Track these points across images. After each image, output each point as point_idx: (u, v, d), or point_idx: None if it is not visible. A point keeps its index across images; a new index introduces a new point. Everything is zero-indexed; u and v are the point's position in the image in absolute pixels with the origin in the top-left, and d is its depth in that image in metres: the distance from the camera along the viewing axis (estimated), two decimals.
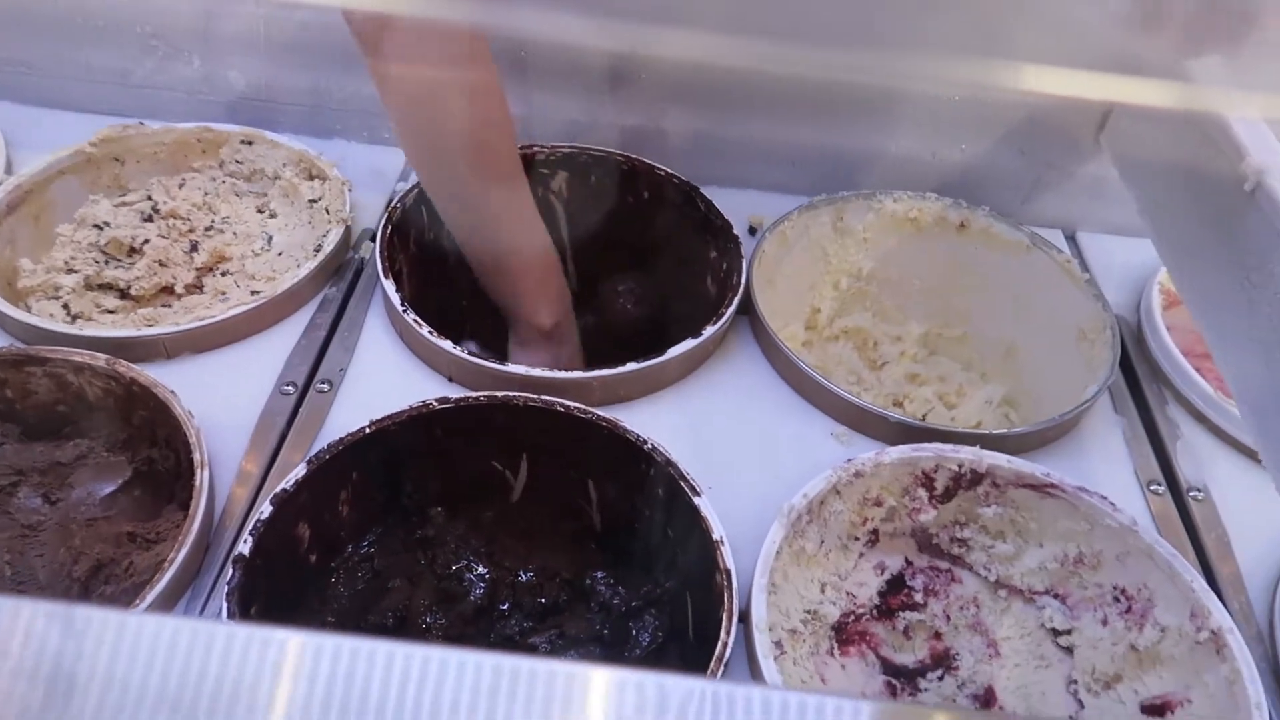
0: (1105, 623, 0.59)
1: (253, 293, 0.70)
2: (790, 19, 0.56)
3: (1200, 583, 0.55)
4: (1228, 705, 0.51)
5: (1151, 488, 0.64)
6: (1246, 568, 0.60)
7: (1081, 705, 0.58)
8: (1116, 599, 0.59)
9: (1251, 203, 0.55)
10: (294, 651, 0.25)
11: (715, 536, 0.55)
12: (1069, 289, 0.75)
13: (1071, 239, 0.86)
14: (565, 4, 0.55)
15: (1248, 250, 0.55)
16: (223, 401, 0.63)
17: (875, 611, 0.63)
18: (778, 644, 0.57)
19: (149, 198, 0.78)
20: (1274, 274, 0.53)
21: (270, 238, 0.77)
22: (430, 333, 0.64)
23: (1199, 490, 0.64)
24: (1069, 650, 0.60)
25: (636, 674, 0.25)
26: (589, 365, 0.64)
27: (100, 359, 0.60)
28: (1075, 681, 0.59)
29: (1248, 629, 0.57)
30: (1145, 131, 0.72)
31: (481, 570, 0.65)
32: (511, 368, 0.63)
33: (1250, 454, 0.67)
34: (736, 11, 0.55)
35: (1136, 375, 0.73)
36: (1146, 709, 0.56)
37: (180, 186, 0.80)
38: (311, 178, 0.79)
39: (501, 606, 0.64)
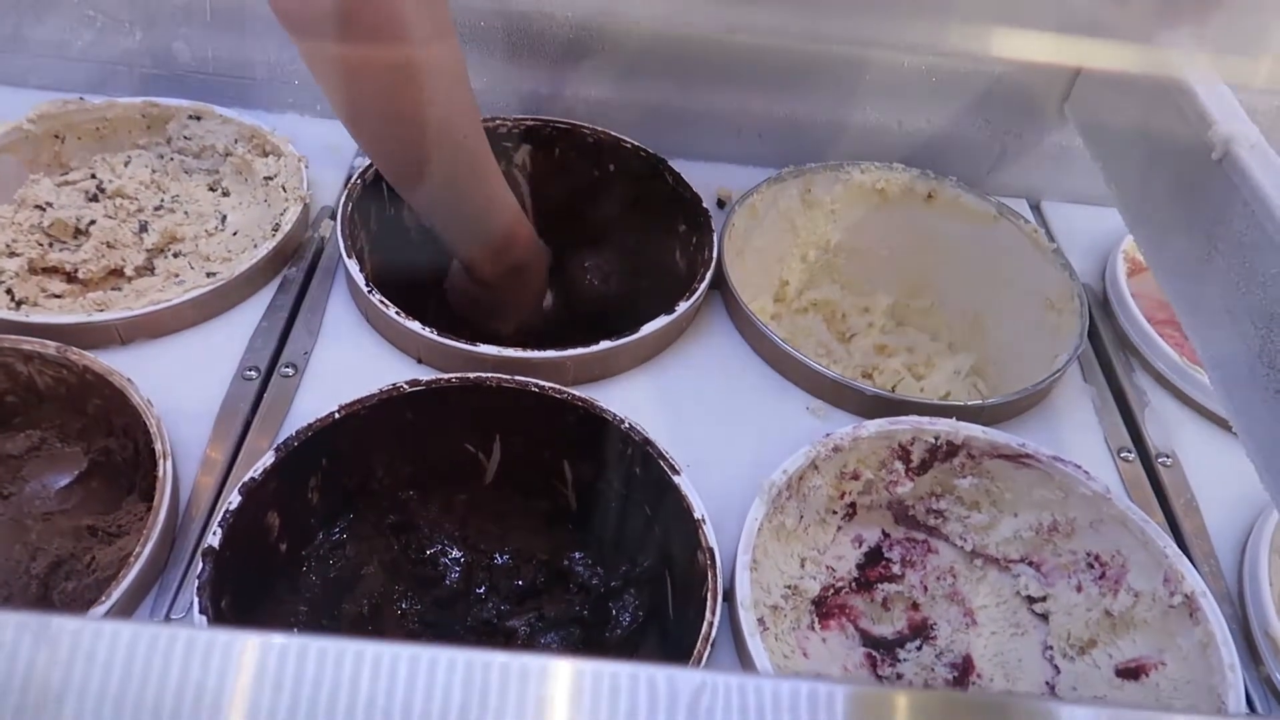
0: (1080, 589, 0.60)
1: (209, 274, 0.68)
2: None
3: (1173, 548, 0.55)
4: (1202, 667, 0.53)
5: (1122, 455, 0.65)
6: (1215, 531, 0.61)
7: (1058, 671, 0.59)
8: (1090, 565, 0.60)
9: (1218, 171, 0.56)
10: (264, 654, 0.24)
11: (697, 515, 0.54)
12: (1036, 258, 0.75)
13: (1036, 208, 0.87)
14: None
15: (1214, 219, 0.55)
16: (182, 388, 0.60)
17: (854, 584, 0.63)
18: (760, 620, 0.57)
19: (93, 176, 0.74)
20: (1241, 243, 0.53)
21: (224, 217, 0.75)
22: (397, 313, 0.63)
23: (1167, 456, 0.65)
24: (1044, 617, 0.61)
25: (611, 666, 0.24)
26: (560, 344, 0.63)
27: (50, 346, 0.58)
28: (1051, 648, 0.60)
29: (1217, 591, 0.58)
30: (1111, 99, 0.73)
31: (456, 554, 0.64)
32: (483, 348, 0.61)
33: (1216, 420, 0.68)
34: None
35: (1104, 343, 0.74)
36: (1121, 672, 0.57)
37: (126, 164, 0.76)
38: (265, 154, 0.76)
39: (478, 590, 0.63)
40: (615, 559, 0.62)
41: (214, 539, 0.50)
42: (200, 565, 0.49)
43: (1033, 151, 0.84)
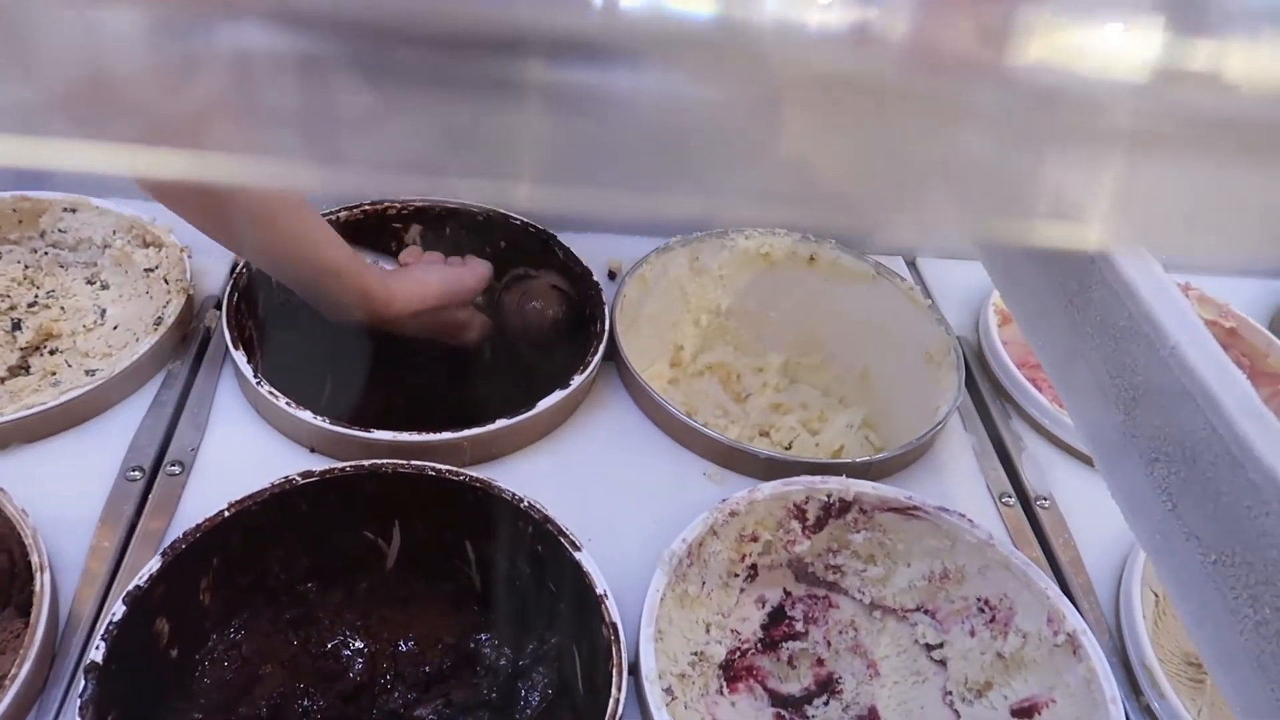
0: (973, 634, 0.62)
1: (88, 372, 0.66)
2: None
3: (1054, 589, 0.58)
4: (1087, 702, 0.55)
5: (1003, 500, 0.68)
6: (1092, 568, 0.64)
7: (958, 715, 0.61)
8: (981, 610, 0.62)
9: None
10: None
11: (599, 591, 0.55)
12: (913, 314, 0.79)
13: (913, 265, 0.91)
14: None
15: (1068, 275, 0.59)
16: (61, 494, 0.58)
17: (759, 645, 0.64)
18: (668, 690, 0.57)
19: None
20: (1093, 299, 0.57)
21: (104, 311, 0.73)
22: (288, 404, 0.62)
23: (1045, 499, 0.69)
24: (943, 663, 0.63)
25: None
26: (459, 425, 0.63)
27: None
28: (950, 693, 0.62)
29: (1097, 625, 0.61)
30: None
31: (359, 644, 0.62)
32: (377, 434, 0.61)
33: (1086, 459, 0.72)
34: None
35: (980, 392, 0.78)
36: (1016, 712, 0.59)
37: None
38: (146, 245, 0.75)
39: (384, 680, 0.61)
40: (522, 638, 0.62)
41: (97, 653, 0.48)
42: (82, 683, 0.47)
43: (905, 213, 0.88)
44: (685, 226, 0.81)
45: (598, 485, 0.66)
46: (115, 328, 0.72)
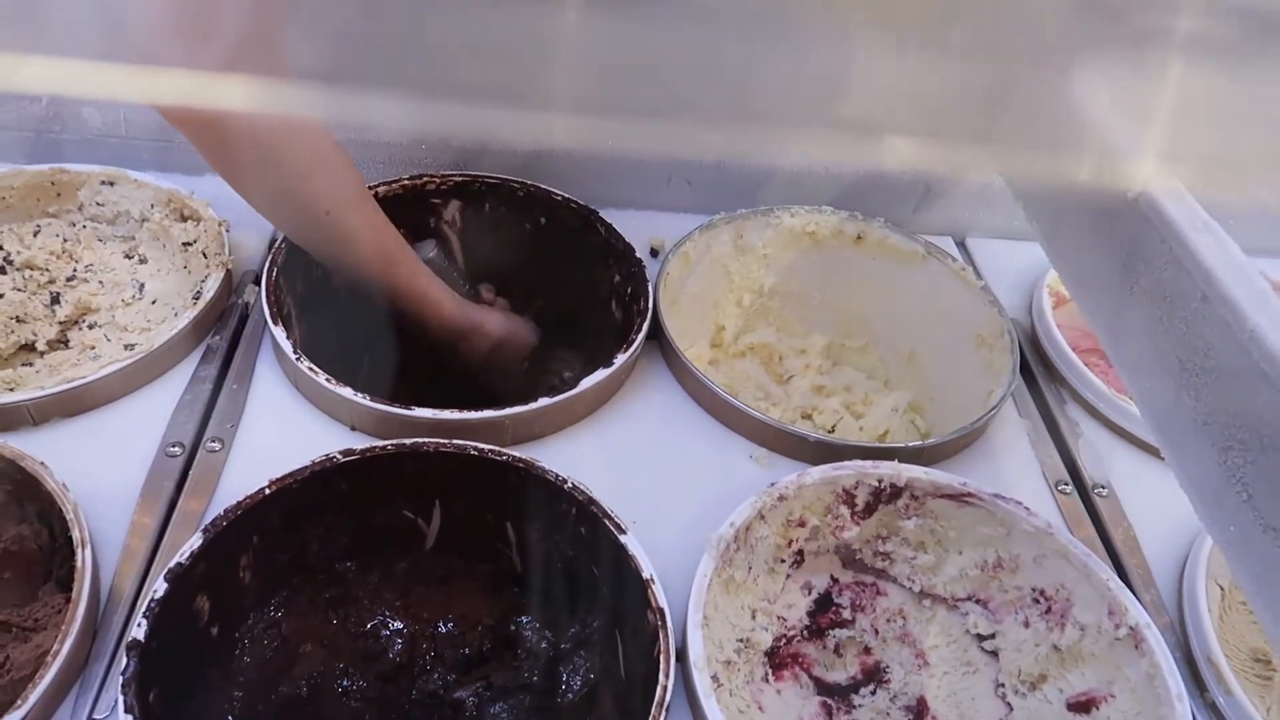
0: (1027, 625, 0.60)
1: (126, 347, 0.65)
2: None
3: (1115, 580, 0.56)
4: (1150, 698, 0.53)
5: (1059, 488, 0.66)
6: (1153, 559, 0.62)
7: (1010, 708, 0.59)
8: (1036, 601, 0.60)
9: (1135, 209, 0.57)
10: None
11: (645, 575, 0.53)
12: (965, 295, 0.76)
13: (962, 245, 0.89)
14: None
15: (1135, 258, 0.57)
16: (101, 469, 0.58)
17: (806, 632, 0.63)
18: (714, 678, 0.56)
19: (0, 248, 0.71)
20: (1163, 280, 0.55)
21: (142, 285, 0.72)
22: (328, 380, 0.61)
23: (1103, 487, 0.66)
24: (994, 654, 0.61)
25: None
26: (497, 403, 0.62)
27: None
28: (1003, 684, 0.60)
29: (1159, 621, 0.59)
30: None
31: (398, 625, 0.62)
32: (419, 412, 0.60)
33: (1147, 447, 0.70)
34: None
35: (1035, 377, 0.75)
36: (1072, 706, 0.57)
37: (35, 234, 0.73)
38: (184, 219, 0.74)
39: (423, 661, 0.61)
40: (564, 621, 0.61)
41: (139, 631, 0.48)
42: (125, 660, 0.47)
43: (955, 190, 0.85)
44: (729, 205, 0.79)
45: (641, 467, 0.64)
46: (154, 302, 0.71)
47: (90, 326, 0.70)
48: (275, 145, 0.60)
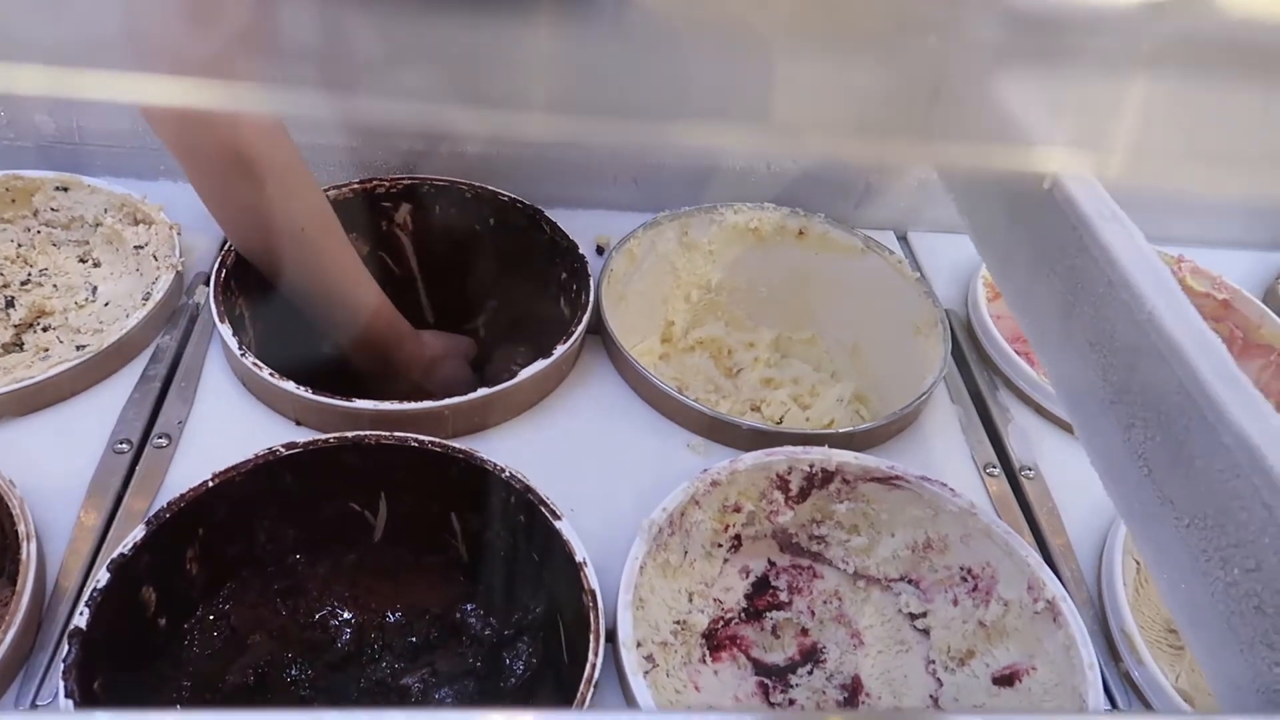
0: (956, 602, 0.62)
1: (78, 348, 0.67)
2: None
3: (1034, 556, 0.58)
4: (1066, 669, 0.55)
5: (988, 470, 0.68)
6: (1076, 538, 0.64)
7: (940, 683, 0.61)
8: (964, 579, 0.62)
9: (1050, 199, 0.59)
10: None
11: (578, 559, 0.55)
12: (902, 287, 0.79)
13: (903, 239, 0.91)
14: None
15: (1050, 245, 0.59)
16: (50, 466, 0.59)
17: (743, 614, 0.64)
18: (649, 658, 0.58)
19: None
20: (1074, 266, 0.57)
21: (95, 288, 0.73)
22: (271, 375, 0.62)
23: (1030, 469, 0.69)
24: (926, 632, 0.63)
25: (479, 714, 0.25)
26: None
27: None
28: (933, 661, 0.62)
29: (1079, 595, 0.61)
30: None
31: (347, 615, 0.63)
32: (359, 404, 0.61)
33: (1072, 430, 0.72)
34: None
35: (969, 365, 0.77)
36: (997, 680, 0.59)
37: None
38: (136, 222, 0.75)
39: (371, 650, 0.62)
40: (507, 608, 0.62)
41: (81, 619, 0.49)
42: (66, 647, 0.48)
43: (895, 185, 0.88)
44: (674, 203, 0.81)
45: (583, 457, 0.66)
46: (106, 304, 0.72)
47: (44, 329, 0.71)
48: (255, 159, 0.61)
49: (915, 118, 0.69)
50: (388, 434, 0.60)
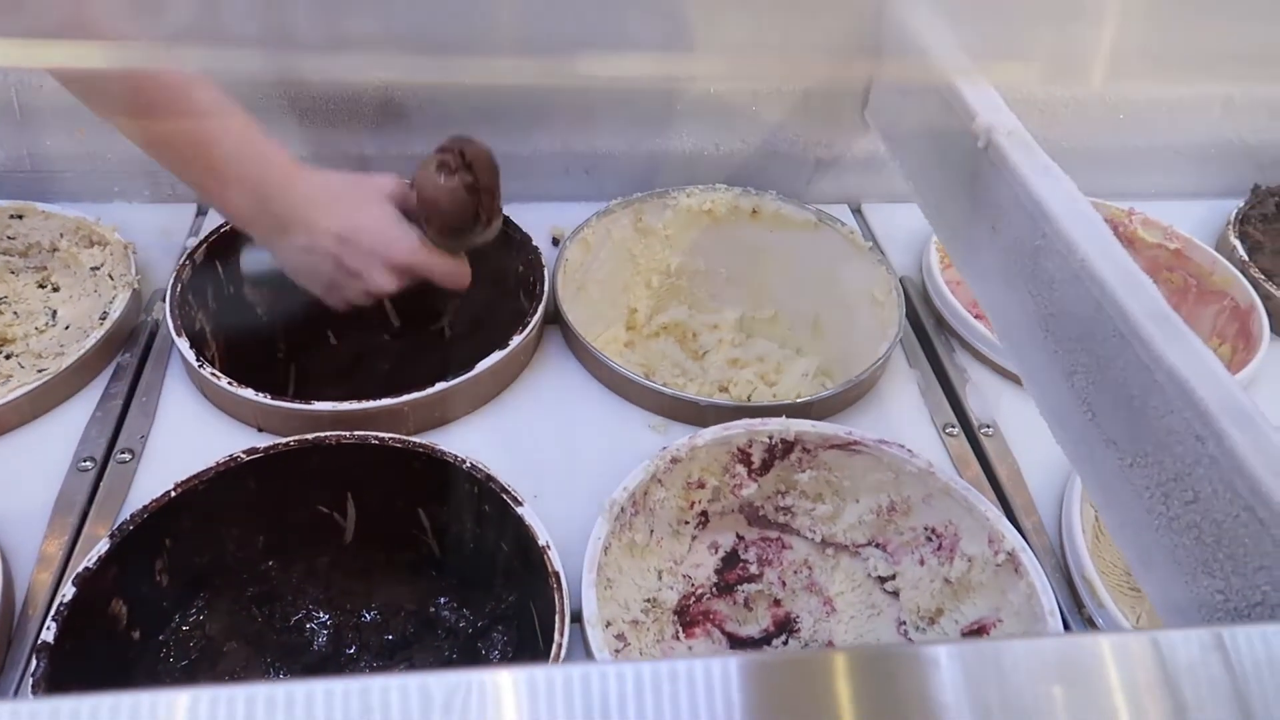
0: (922, 562, 0.63)
1: (39, 372, 0.67)
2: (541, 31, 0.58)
3: (993, 511, 0.59)
4: (1029, 617, 0.56)
5: (947, 430, 0.69)
6: (1036, 490, 0.65)
7: (913, 644, 0.62)
8: (929, 539, 0.63)
9: (985, 158, 0.60)
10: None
11: (541, 542, 0.56)
12: (856, 258, 0.79)
13: (858, 211, 0.92)
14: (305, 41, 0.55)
15: (988, 202, 0.60)
16: (15, 488, 0.60)
17: (715, 589, 0.65)
18: (619, 637, 0.59)
19: None
20: (1012, 221, 0.58)
21: (54, 312, 0.74)
22: (230, 383, 0.63)
23: (989, 426, 0.69)
24: (895, 594, 0.64)
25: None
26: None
27: None
28: (904, 622, 0.63)
29: (1041, 545, 0.61)
30: (899, 104, 0.78)
31: (323, 617, 0.64)
32: (319, 406, 0.62)
33: None
34: (483, 30, 0.56)
35: (925, 329, 0.78)
36: (966, 635, 0.60)
37: None
38: (92, 244, 0.76)
39: (348, 650, 0.63)
40: (480, 599, 0.63)
41: (48, 634, 0.49)
42: (35, 662, 0.48)
43: (845, 159, 0.88)
44: (626, 191, 0.82)
45: (545, 445, 0.67)
46: (67, 327, 0.73)
47: (7, 356, 0.71)
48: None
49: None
50: (347, 434, 0.60)
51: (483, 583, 0.63)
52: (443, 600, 0.64)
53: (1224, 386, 0.43)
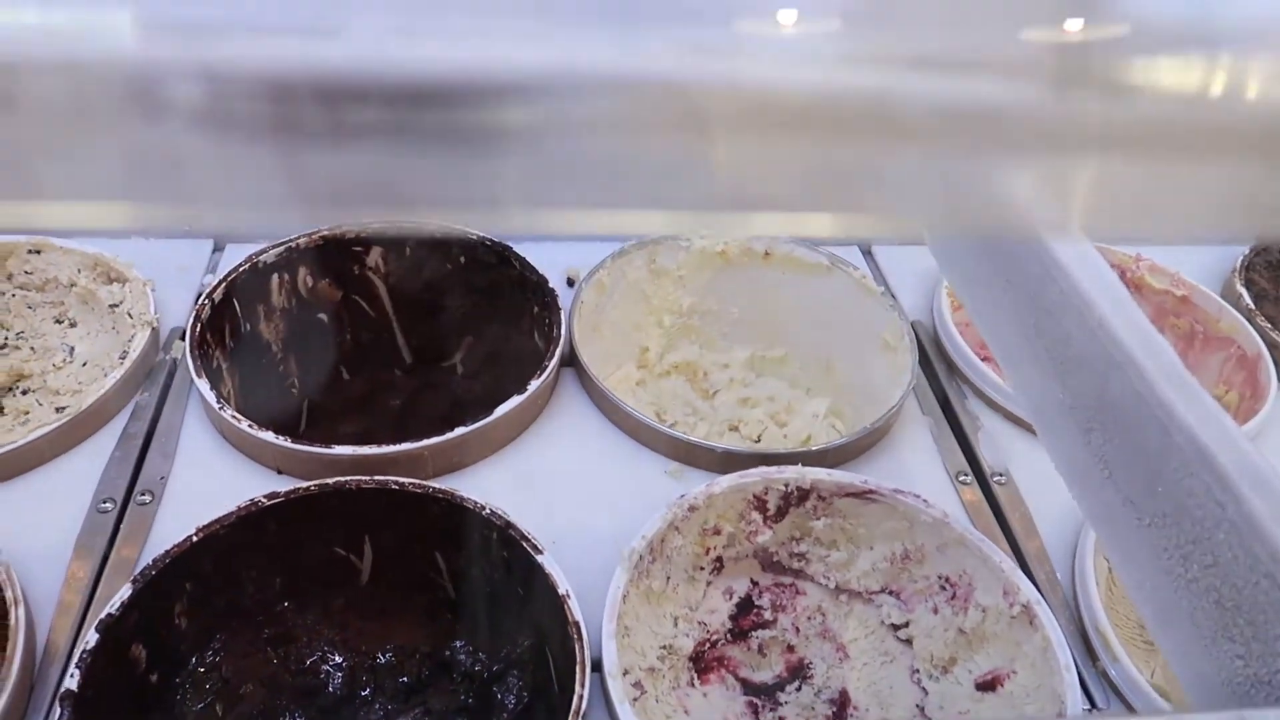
0: (936, 611, 0.63)
1: (57, 409, 0.67)
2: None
3: (1008, 562, 0.60)
4: (1045, 670, 0.56)
5: (960, 478, 0.70)
6: (1049, 540, 0.66)
7: (925, 692, 0.62)
8: (943, 587, 0.63)
9: None
10: None
11: (561, 592, 0.56)
12: (868, 302, 0.80)
13: (868, 254, 0.93)
14: None
15: (1003, 255, 0.61)
16: (34, 529, 0.60)
17: (729, 635, 0.65)
18: (637, 685, 0.59)
19: None
20: (1028, 275, 0.58)
21: (72, 349, 0.74)
22: (250, 426, 0.63)
23: (1001, 475, 0.70)
24: (909, 642, 0.64)
25: None
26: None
27: None
28: (917, 670, 0.63)
29: (1055, 597, 0.62)
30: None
31: (338, 659, 0.64)
32: (338, 450, 0.62)
33: None
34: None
35: (937, 375, 0.79)
36: (980, 686, 0.60)
37: None
38: (110, 281, 0.76)
39: (363, 693, 0.63)
40: (496, 643, 0.63)
41: (72, 681, 0.50)
42: (59, 710, 0.49)
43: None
44: (640, 232, 0.83)
45: (562, 490, 0.67)
46: (84, 364, 0.73)
47: (24, 393, 0.72)
48: None
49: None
50: (368, 478, 0.61)
51: (498, 627, 0.64)
52: (458, 644, 0.64)
53: (1242, 451, 0.44)
